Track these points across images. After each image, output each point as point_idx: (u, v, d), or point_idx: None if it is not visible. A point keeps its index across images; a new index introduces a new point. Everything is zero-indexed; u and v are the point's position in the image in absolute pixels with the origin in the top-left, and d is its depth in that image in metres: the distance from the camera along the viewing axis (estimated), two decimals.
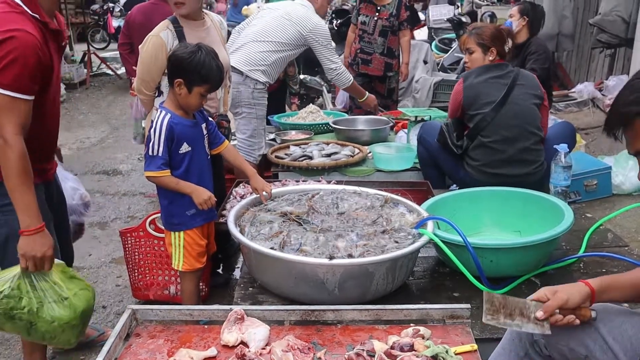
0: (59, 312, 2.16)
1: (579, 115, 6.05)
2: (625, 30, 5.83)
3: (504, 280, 2.30)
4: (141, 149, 6.41)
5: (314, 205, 2.47)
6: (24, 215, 2.05)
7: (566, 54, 8.02)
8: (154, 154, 2.43)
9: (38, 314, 2.12)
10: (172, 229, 2.61)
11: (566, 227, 2.32)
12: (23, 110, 2.01)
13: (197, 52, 2.42)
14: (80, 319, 2.24)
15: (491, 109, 3.14)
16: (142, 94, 3.05)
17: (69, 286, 2.23)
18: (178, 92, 2.45)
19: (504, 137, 3.14)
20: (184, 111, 2.51)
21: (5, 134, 1.98)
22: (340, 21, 8.93)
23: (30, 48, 1.98)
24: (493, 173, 3.15)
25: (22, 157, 2.01)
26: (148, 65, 2.93)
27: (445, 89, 6.77)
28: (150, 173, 2.45)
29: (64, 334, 2.20)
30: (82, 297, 2.26)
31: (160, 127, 2.42)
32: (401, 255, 2.09)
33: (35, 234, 2.06)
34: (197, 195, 2.49)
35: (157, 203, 5.00)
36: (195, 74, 2.41)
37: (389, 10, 5.53)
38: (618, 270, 2.40)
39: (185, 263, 2.63)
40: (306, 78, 7.21)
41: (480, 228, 2.69)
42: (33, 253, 2.07)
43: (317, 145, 4.02)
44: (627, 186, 4.24)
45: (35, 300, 2.12)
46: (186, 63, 2.40)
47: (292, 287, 2.13)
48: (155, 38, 2.90)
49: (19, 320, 2.11)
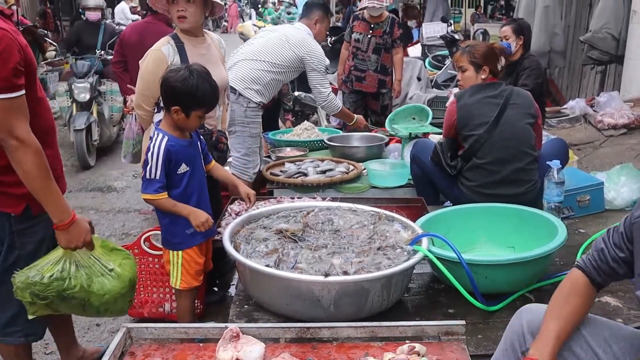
0: (109, 284, 2.21)
1: (571, 131, 6.09)
2: (615, 47, 5.92)
3: (499, 297, 2.30)
4: (135, 167, 6.43)
5: (309, 223, 2.48)
6: (54, 211, 2.06)
7: (558, 70, 8.10)
8: (152, 178, 2.43)
9: (90, 289, 2.17)
10: (172, 247, 2.62)
11: (560, 242, 2.33)
12: (23, 107, 2.00)
13: (189, 77, 2.40)
14: (129, 287, 2.31)
15: (484, 131, 3.16)
16: (142, 110, 3.04)
17: (112, 258, 2.29)
18: (176, 117, 2.45)
19: (497, 158, 3.16)
20: (181, 131, 2.53)
21: (19, 134, 1.95)
22: (334, 38, 9.01)
23: (10, 43, 1.94)
24: (487, 193, 3.16)
25: (40, 153, 2.00)
26: (148, 81, 2.92)
27: (438, 106, 6.79)
28: (148, 196, 2.46)
29: (117, 303, 2.27)
30: (126, 266, 2.32)
31: (158, 151, 2.42)
32: (396, 272, 2.10)
33: (69, 227, 2.09)
34: (194, 217, 2.49)
35: (151, 220, 5.01)
36: (191, 99, 2.41)
37: (383, 28, 5.59)
38: (611, 286, 2.39)
39: (183, 281, 2.63)
40: (301, 95, 7.25)
41: (474, 244, 2.70)
42: (73, 244, 2.13)
43: (312, 162, 4.03)
44: (620, 202, 4.27)
45: (85, 277, 2.17)
46: (179, 90, 2.40)
47: (287, 305, 2.13)
48: (157, 52, 2.91)
49: (73, 299, 2.16)
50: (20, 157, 1.97)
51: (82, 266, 2.18)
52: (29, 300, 2.12)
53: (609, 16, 5.86)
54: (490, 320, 2.21)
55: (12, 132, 1.95)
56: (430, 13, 10.99)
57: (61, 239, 2.11)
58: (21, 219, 2.17)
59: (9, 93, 1.94)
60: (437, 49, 9.48)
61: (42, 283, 2.10)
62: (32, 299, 2.12)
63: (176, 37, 2.97)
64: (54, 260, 2.15)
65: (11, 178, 2.06)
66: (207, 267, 2.78)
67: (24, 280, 2.10)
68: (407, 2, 16.06)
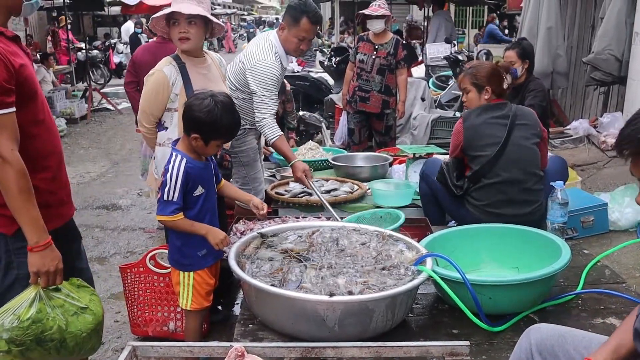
0: (85, 321, 2.17)
1: (574, 151, 6.12)
2: (618, 68, 5.95)
3: (503, 317, 2.30)
4: (140, 185, 6.47)
5: (314, 242, 2.49)
6: (31, 232, 2.03)
7: (561, 91, 8.15)
8: (169, 199, 2.44)
9: (67, 329, 2.11)
10: (183, 269, 2.62)
11: (564, 263, 2.34)
12: (10, 125, 1.96)
13: (214, 108, 2.42)
14: (101, 323, 2.27)
15: (492, 152, 3.18)
16: (144, 127, 3.07)
17: (81, 295, 2.23)
18: (195, 144, 2.48)
19: (505, 179, 3.19)
20: (197, 154, 2.55)
21: (1, 152, 1.93)
22: (339, 59, 9.11)
23: None
24: (495, 213, 3.18)
25: (23, 173, 1.97)
26: (149, 99, 2.96)
27: (442, 126, 6.85)
28: (164, 218, 2.46)
29: (91, 341, 2.21)
30: (96, 301, 2.28)
31: (177, 173, 2.43)
32: (400, 292, 2.11)
33: (45, 249, 2.05)
34: (213, 236, 2.51)
35: (156, 238, 5.03)
36: (213, 130, 2.45)
37: (387, 49, 5.64)
38: (616, 307, 2.41)
39: (194, 302, 2.64)
40: (305, 114, 7.31)
41: (478, 264, 2.71)
42: (45, 268, 2.06)
43: (316, 182, 4.05)
44: (624, 222, 4.27)
45: (61, 317, 2.10)
46: (203, 120, 2.42)
47: (292, 324, 2.14)
48: (159, 73, 2.94)
49: (50, 341, 2.08)
50: (1, 175, 1.95)
51: (55, 306, 2.11)
52: (5, 348, 2.02)
53: (612, 38, 5.91)
54: (494, 341, 2.21)
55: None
56: (433, 34, 11.08)
57: (34, 262, 2.04)
58: (17, 238, 2.11)
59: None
60: (440, 69, 9.56)
61: (20, 327, 2.01)
62: (7, 346, 2.02)
63: (177, 57, 3.00)
64: (27, 301, 2.06)
65: (2, 198, 2.04)
66: (215, 285, 2.79)
67: None
68: (411, 23, 16.22)
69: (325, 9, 27.33)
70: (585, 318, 2.35)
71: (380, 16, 5.58)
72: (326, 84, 9.16)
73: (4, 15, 2.11)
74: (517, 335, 1.94)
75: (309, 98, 9.00)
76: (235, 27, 32.46)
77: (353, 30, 15.02)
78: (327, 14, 27.61)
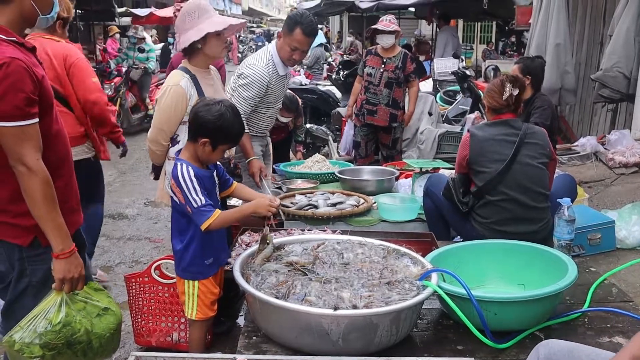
0: (107, 322, 2.27)
1: (582, 168, 6.09)
2: (626, 85, 5.94)
3: (508, 334, 2.29)
4: (146, 194, 6.50)
5: (319, 255, 2.49)
6: (56, 239, 2.09)
7: (569, 107, 8.13)
8: (198, 205, 2.44)
9: (93, 330, 2.20)
10: (189, 277, 2.63)
11: (570, 281, 2.32)
12: (36, 136, 2.03)
13: (224, 113, 2.47)
14: (121, 324, 2.39)
15: (498, 169, 3.17)
16: (158, 145, 3.06)
17: (100, 297, 2.33)
18: (202, 149, 2.50)
19: (510, 196, 3.17)
20: (200, 163, 2.57)
21: (27, 161, 1.99)
22: (347, 72, 9.15)
23: (23, 72, 1.98)
24: (500, 230, 3.17)
25: (48, 183, 2.04)
26: (169, 115, 2.97)
27: (449, 141, 6.85)
28: (207, 223, 2.44)
29: (113, 341, 2.33)
30: (113, 302, 2.39)
31: (190, 178, 2.45)
32: (405, 307, 2.10)
33: (70, 256, 2.12)
34: (261, 207, 2.53)
35: (162, 248, 5.04)
36: (222, 135, 2.49)
37: (395, 63, 5.67)
38: (623, 325, 2.39)
39: (199, 312, 2.65)
40: (312, 127, 7.33)
41: (484, 280, 2.69)
42: (70, 275, 2.14)
43: (322, 195, 4.05)
44: (631, 241, 4.24)
45: (85, 320, 2.20)
46: (214, 125, 2.46)
47: (296, 337, 2.13)
48: (177, 88, 2.96)
49: (78, 344, 2.16)
50: (28, 184, 2.01)
51: (79, 310, 2.20)
52: (39, 354, 2.07)
53: (620, 55, 5.90)
54: (499, 358, 2.19)
55: (22, 159, 1.99)
56: (440, 49, 11.12)
57: (60, 269, 2.12)
58: (32, 247, 2.18)
59: (21, 121, 1.98)
60: (448, 84, 9.58)
61: (53, 331, 2.09)
62: (42, 351, 2.07)
63: (187, 70, 3.03)
64: (55, 306, 2.14)
65: (19, 208, 2.09)
66: (219, 294, 2.79)
67: (31, 335, 2.07)
68: (420, 37, 16.28)
69: (334, 23, 27.48)
70: (591, 336, 2.33)
71: (391, 32, 5.62)
72: (334, 97, 9.20)
73: (20, 27, 2.15)
74: (523, 353, 1.93)
75: (317, 111, 9.03)
76: (244, 39, 32.62)
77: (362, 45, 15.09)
78: (336, 28, 27.75)
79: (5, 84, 1.94)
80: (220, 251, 2.69)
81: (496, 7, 10.78)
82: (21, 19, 2.12)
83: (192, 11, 3.04)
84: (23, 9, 2.09)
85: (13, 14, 2.07)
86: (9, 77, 1.94)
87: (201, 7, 3.05)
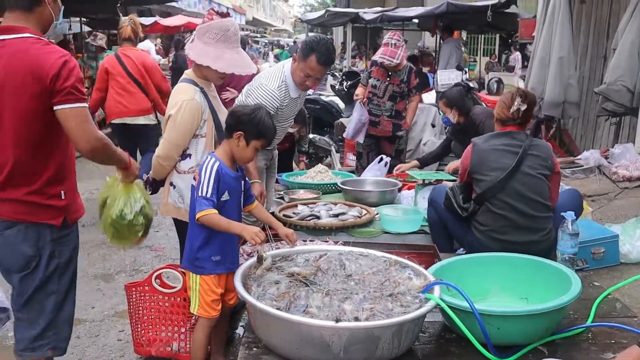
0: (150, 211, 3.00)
1: (585, 182, 6.07)
2: (630, 99, 5.94)
3: (511, 349, 2.27)
4: None
5: (321, 266, 2.48)
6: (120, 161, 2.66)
7: (572, 121, 8.13)
8: (202, 195, 2.52)
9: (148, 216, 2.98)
10: (194, 270, 2.66)
11: (574, 295, 2.30)
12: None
13: (258, 110, 2.67)
14: None
15: (498, 177, 3.17)
16: (171, 161, 3.01)
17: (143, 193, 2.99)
18: (237, 144, 2.61)
19: (510, 205, 3.17)
20: (232, 163, 2.65)
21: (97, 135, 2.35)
22: (350, 82, 9.17)
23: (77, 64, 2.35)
24: (501, 239, 3.16)
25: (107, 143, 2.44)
26: (185, 130, 2.95)
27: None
28: (202, 213, 2.51)
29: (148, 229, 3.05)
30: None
31: (210, 170, 2.55)
32: (408, 320, 2.08)
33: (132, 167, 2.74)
34: (247, 232, 2.54)
35: (162, 257, 5.02)
36: (256, 129, 2.61)
37: (400, 77, 5.66)
38: (627, 341, 2.37)
39: (200, 308, 2.66)
40: (315, 138, 7.33)
41: (486, 294, 2.67)
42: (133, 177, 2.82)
43: (324, 205, 4.04)
44: (635, 255, 4.22)
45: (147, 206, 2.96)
46: (247, 118, 2.62)
47: (297, 349, 2.12)
48: (193, 102, 2.94)
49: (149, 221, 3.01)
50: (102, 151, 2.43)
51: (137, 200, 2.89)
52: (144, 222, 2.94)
53: (624, 69, 5.91)
54: None
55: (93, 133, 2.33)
56: (444, 60, 11.13)
57: (126, 176, 2.79)
58: (59, 228, 2.41)
59: (85, 103, 2.31)
60: None
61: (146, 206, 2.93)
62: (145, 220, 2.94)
63: (195, 82, 3.02)
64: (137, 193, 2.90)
65: (54, 189, 2.37)
66: (232, 301, 2.80)
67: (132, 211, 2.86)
68: (423, 49, 16.33)
69: (338, 34, 27.56)
70: (595, 352, 2.31)
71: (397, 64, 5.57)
72: (337, 108, 9.20)
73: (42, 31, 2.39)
74: None
75: (320, 121, 9.04)
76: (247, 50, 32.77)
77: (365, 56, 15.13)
78: (340, 39, 27.83)
79: (74, 73, 2.26)
80: (229, 253, 2.69)
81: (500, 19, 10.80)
82: (42, 24, 2.38)
83: (217, 32, 2.96)
84: (43, 14, 2.36)
85: (36, 19, 2.34)
86: (75, 68, 2.28)
87: (227, 34, 2.97)
